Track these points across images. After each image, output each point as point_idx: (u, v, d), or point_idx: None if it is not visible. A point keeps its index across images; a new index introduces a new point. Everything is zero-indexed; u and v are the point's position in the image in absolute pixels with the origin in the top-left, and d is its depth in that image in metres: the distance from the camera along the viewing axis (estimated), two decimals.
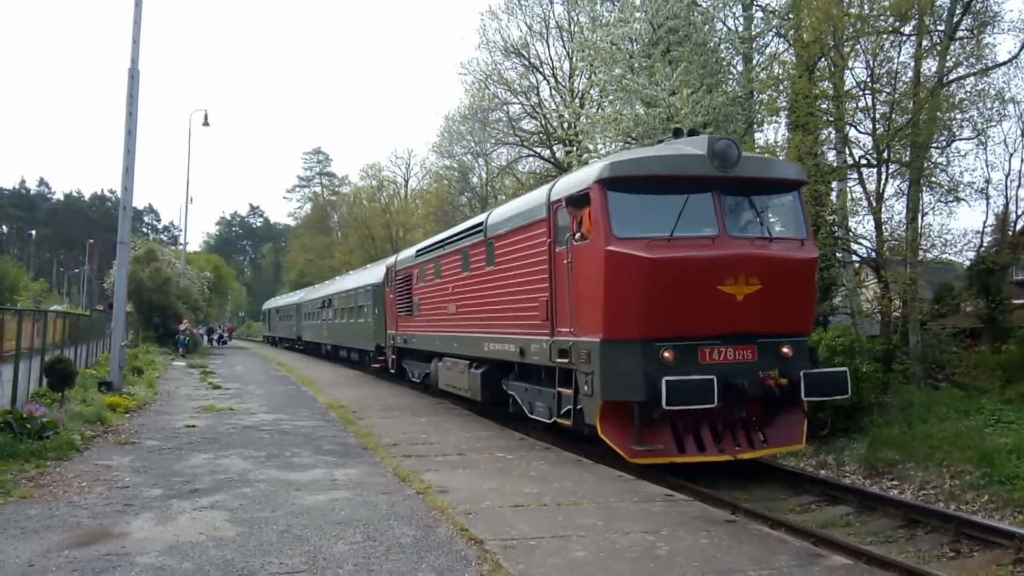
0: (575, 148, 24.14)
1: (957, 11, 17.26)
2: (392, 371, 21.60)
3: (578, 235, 9.76)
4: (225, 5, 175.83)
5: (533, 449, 10.69)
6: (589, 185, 9.60)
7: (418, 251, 18.44)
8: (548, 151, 36.80)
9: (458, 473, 8.94)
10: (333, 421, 13.74)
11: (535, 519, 6.78)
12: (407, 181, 65.51)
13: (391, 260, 22.27)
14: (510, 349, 12.03)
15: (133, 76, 16.74)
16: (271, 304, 62.61)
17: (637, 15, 20.99)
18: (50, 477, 8.48)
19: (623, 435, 9.08)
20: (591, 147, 21.84)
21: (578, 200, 9.83)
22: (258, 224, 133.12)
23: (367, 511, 7.11)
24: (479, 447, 10.81)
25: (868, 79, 17.33)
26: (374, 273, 25.57)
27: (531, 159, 39.17)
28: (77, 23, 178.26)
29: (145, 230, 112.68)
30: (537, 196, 11.55)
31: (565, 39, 34.75)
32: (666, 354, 8.93)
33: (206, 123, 40.85)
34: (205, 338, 52.82)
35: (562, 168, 28.33)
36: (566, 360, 9.94)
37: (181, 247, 49.85)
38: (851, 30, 17.03)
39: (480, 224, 13.70)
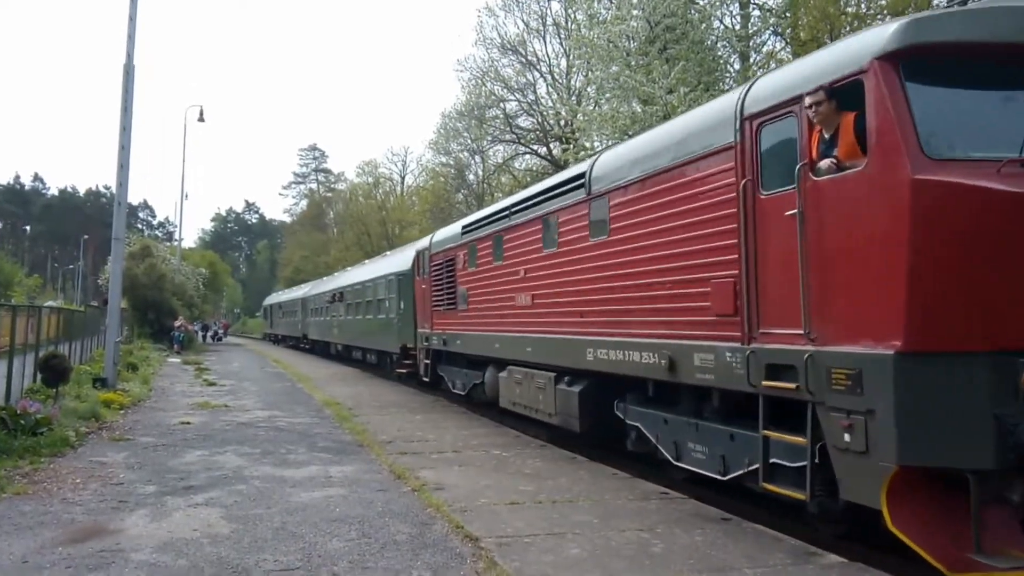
0: (572, 145, 24.18)
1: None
2: (425, 379, 17.50)
3: (827, 162, 5.67)
4: (221, 0, 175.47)
5: (529, 447, 10.69)
6: (861, 67, 5.41)
7: (465, 227, 14.63)
8: (545, 148, 36.89)
9: (454, 470, 8.92)
10: (328, 418, 13.72)
11: (530, 517, 6.77)
12: (403, 178, 65.69)
13: (423, 242, 18.25)
14: (645, 360, 7.97)
15: (128, 72, 16.70)
16: (273, 299, 60.14)
17: (634, 13, 21.01)
18: (44, 474, 8.45)
19: (936, 529, 5.15)
20: (588, 144, 21.86)
21: (831, 97, 5.63)
22: (253, 221, 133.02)
23: (362, 508, 7.10)
24: (475, 444, 10.80)
25: None
26: (398, 260, 21.99)
27: (528, 156, 39.29)
28: (73, 18, 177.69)
29: (140, 226, 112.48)
30: (712, 111, 7.23)
31: (562, 36, 34.82)
32: None
33: (201, 119, 40.81)
34: (200, 335, 52.74)
35: (559, 166, 28.34)
36: (791, 386, 5.86)
37: (176, 243, 49.86)
38: (848, 28, 17.06)
39: (579, 177, 9.73)
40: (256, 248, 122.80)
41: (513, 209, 12.05)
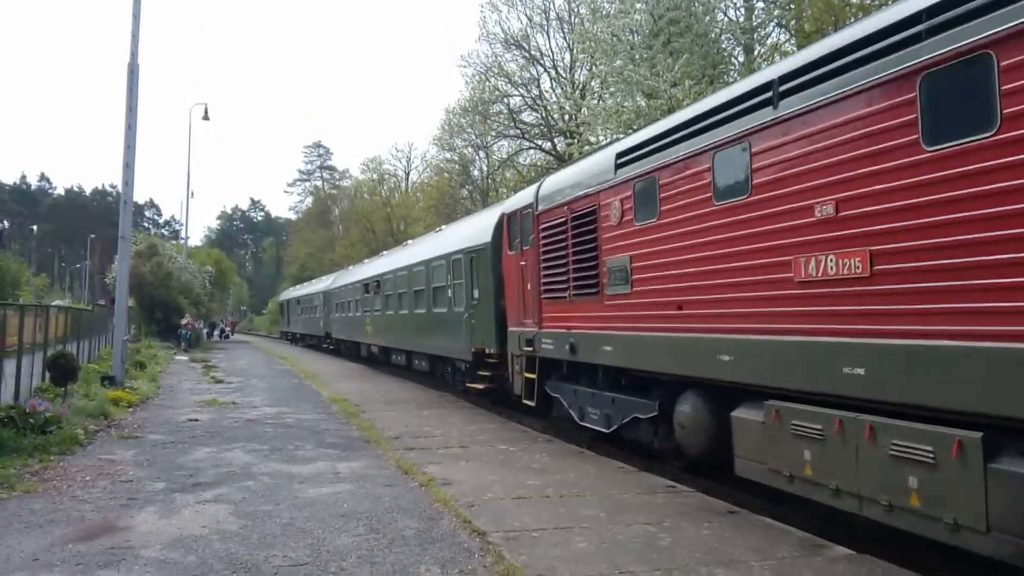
0: (576, 140, 24.16)
1: None
2: (528, 403, 11.98)
3: None
4: None
5: (536, 441, 10.70)
6: None
7: (625, 154, 8.89)
8: (549, 143, 36.84)
9: (461, 465, 8.95)
10: (336, 415, 13.76)
11: (537, 511, 6.79)
12: (408, 174, 65.75)
13: (521, 197, 12.51)
14: None
15: (133, 70, 16.72)
16: (290, 294, 55.87)
17: (638, 6, 20.95)
18: (54, 472, 8.50)
19: None
20: (592, 139, 21.84)
21: None
22: (259, 218, 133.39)
23: (370, 504, 7.12)
24: (482, 439, 10.82)
25: None
26: (469, 230, 15.89)
27: (532, 151, 39.24)
28: (78, 17, 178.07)
29: (146, 225, 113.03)
30: None
31: (566, 31, 34.77)
32: None
33: (206, 117, 40.79)
34: (206, 332, 52.91)
35: (563, 160, 28.33)
36: None
37: (182, 241, 50.01)
38: (853, 20, 16.99)
39: None
40: (262, 246, 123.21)
41: (785, 86, 6.23)
